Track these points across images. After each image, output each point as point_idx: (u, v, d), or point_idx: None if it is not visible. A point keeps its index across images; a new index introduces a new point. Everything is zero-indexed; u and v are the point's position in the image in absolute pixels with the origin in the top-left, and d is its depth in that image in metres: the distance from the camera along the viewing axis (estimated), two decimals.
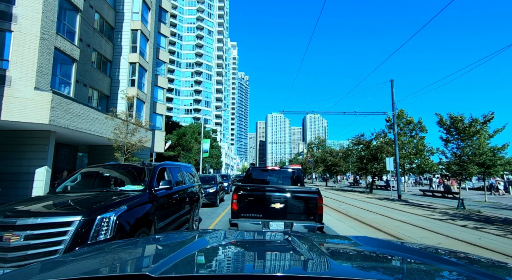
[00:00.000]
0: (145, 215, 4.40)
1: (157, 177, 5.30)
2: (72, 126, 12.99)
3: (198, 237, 1.86)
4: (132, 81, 21.28)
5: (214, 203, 13.15)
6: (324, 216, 11.01)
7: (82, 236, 3.26)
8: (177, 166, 6.89)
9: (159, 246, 1.69)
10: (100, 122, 14.90)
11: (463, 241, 6.98)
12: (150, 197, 4.78)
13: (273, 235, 2.03)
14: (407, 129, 30.11)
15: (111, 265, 1.26)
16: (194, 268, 1.19)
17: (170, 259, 1.17)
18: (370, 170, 25.13)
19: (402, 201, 18.09)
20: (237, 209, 5.72)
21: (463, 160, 13.67)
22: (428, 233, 7.98)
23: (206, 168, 43.59)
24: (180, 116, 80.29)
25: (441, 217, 10.99)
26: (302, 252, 1.42)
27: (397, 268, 1.32)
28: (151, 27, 23.73)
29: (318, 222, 5.65)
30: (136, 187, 4.82)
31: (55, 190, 4.75)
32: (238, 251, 1.56)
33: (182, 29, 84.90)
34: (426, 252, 1.59)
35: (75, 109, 13.16)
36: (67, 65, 13.69)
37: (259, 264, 1.28)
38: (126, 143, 12.17)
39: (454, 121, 14.01)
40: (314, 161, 47.60)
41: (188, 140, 26.05)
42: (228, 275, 1.02)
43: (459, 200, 13.78)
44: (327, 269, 1.14)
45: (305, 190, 5.91)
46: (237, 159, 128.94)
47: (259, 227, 5.52)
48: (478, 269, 1.25)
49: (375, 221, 9.96)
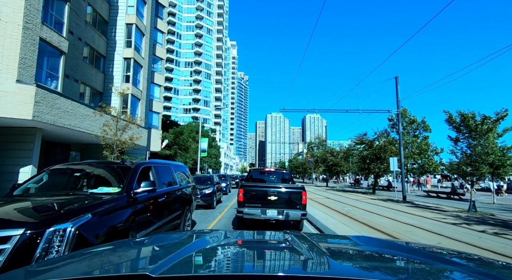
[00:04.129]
0: (120, 224, 3.61)
1: (139, 178, 4.51)
2: (59, 123, 12.18)
3: (198, 237, 1.85)
4: (127, 77, 20.48)
5: (211, 205, 12.34)
6: (328, 219, 10.32)
7: (23, 255, 2.47)
8: (165, 165, 6.09)
9: (159, 246, 1.67)
10: (91, 119, 14.08)
11: (489, 250, 6.20)
12: (129, 201, 4.00)
13: (273, 234, 2.00)
14: (410, 129, 29.40)
15: (111, 265, 1.26)
16: (194, 268, 1.17)
17: (170, 259, 1.15)
18: (373, 170, 24.35)
19: (408, 203, 17.32)
20: (243, 200, 7.40)
21: (475, 160, 12.90)
22: (445, 239, 7.20)
23: (205, 168, 42.77)
24: (179, 115, 79.45)
25: (454, 221, 10.22)
26: (302, 252, 1.40)
27: (398, 268, 1.29)
28: (147, 21, 22.92)
29: (303, 210, 7.41)
30: (111, 190, 4.02)
31: (12, 192, 3.95)
32: (238, 251, 1.56)
33: (181, 28, 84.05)
34: (427, 252, 1.59)
35: (62, 105, 12.35)
36: (55, 58, 12.88)
37: (259, 264, 1.27)
38: (116, 140, 11.34)
39: (465, 118, 13.24)
40: (314, 161, 46.82)
41: (185, 139, 25.17)
42: (228, 275, 1.02)
43: (470, 202, 13.01)
44: (327, 269, 1.13)
45: (293, 186, 7.74)
46: (236, 159, 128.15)
47: (258, 213, 7.27)
48: (481, 269, 1.24)
49: (384, 225, 9.19)
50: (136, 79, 21.54)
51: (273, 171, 10.44)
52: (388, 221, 9.86)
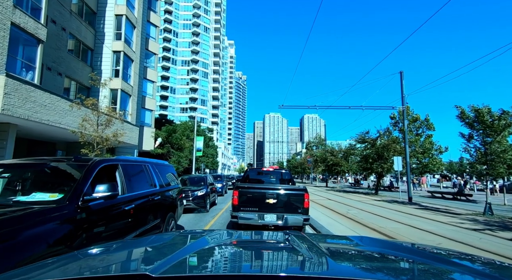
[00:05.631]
0: (53, 246, 2.50)
1: (96, 180, 3.39)
2: (35, 118, 11.00)
3: (199, 237, 1.82)
4: (116, 71, 19.27)
5: (203, 208, 11.18)
6: (334, 225, 9.19)
7: None
8: (141, 163, 4.95)
9: (159, 246, 1.63)
10: (73, 114, 12.89)
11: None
12: (76, 211, 2.88)
13: (273, 234, 1.95)
14: (413, 127, 28.41)
15: (111, 265, 1.24)
16: (194, 268, 1.16)
17: (170, 259, 1.13)
18: (375, 170, 23.30)
19: (415, 205, 16.29)
20: (237, 204, 6.52)
21: (491, 158, 11.87)
22: (478, 251, 6.12)
23: (201, 168, 41.57)
24: (175, 114, 78.11)
25: (474, 226, 9.17)
26: (302, 252, 1.37)
27: (399, 269, 1.26)
28: (138, 13, 21.72)
29: (305, 214, 6.50)
30: (48, 197, 2.89)
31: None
32: (238, 251, 1.53)
33: (178, 26, 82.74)
34: (428, 252, 1.57)
35: (39, 98, 11.16)
36: (31, 46, 11.69)
37: (259, 264, 1.25)
38: (96, 137, 10.16)
39: (480, 114, 12.20)
40: (313, 161, 45.78)
41: (178, 137, 23.93)
42: (228, 275, 1.01)
43: (486, 204, 11.98)
44: (327, 269, 1.12)
45: (294, 188, 6.84)
46: (234, 159, 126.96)
47: (255, 218, 6.39)
48: (485, 270, 1.23)
49: (398, 231, 8.12)
50: (127, 74, 20.34)
51: (271, 171, 9.69)
52: (402, 227, 8.78)
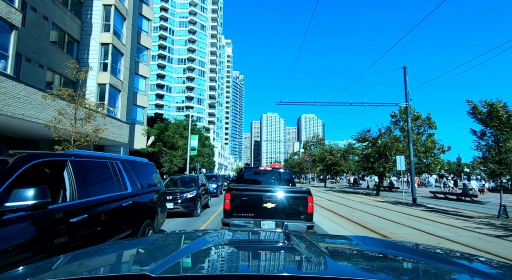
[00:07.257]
0: None
1: (23, 182, 2.38)
2: (7, 112, 9.92)
3: (198, 237, 1.79)
4: (104, 65, 18.18)
5: (193, 212, 10.12)
6: (340, 230, 8.17)
7: None
8: (105, 159, 3.93)
9: (159, 246, 1.63)
10: (53, 109, 11.79)
11: None
12: None
13: (273, 234, 1.96)
14: (414, 126, 27.69)
15: (111, 264, 1.25)
16: (193, 268, 1.17)
17: (170, 259, 1.12)
18: (377, 169, 22.41)
19: (420, 206, 15.40)
20: (230, 209, 5.74)
21: (506, 157, 10.98)
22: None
23: (197, 167, 40.45)
24: (171, 113, 76.81)
25: (494, 232, 8.25)
26: (302, 252, 1.36)
27: (400, 269, 1.24)
28: (129, 4, 20.62)
29: (309, 221, 5.72)
30: None
31: None
32: (238, 251, 1.53)
33: (174, 23, 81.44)
34: (428, 252, 1.57)
35: (11, 90, 10.08)
36: (3, 33, 10.60)
37: (259, 264, 1.24)
38: (73, 132, 9.09)
39: (493, 109, 11.32)
40: (312, 160, 44.89)
41: (170, 135, 22.83)
42: (228, 275, 1.01)
43: (500, 207, 11.09)
44: (327, 269, 1.11)
45: (296, 190, 5.98)
46: (231, 159, 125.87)
47: (251, 226, 5.55)
48: (485, 270, 1.23)
49: (412, 238, 7.18)
50: (116, 68, 19.24)
51: (269, 170, 8.65)
52: (415, 233, 7.83)
